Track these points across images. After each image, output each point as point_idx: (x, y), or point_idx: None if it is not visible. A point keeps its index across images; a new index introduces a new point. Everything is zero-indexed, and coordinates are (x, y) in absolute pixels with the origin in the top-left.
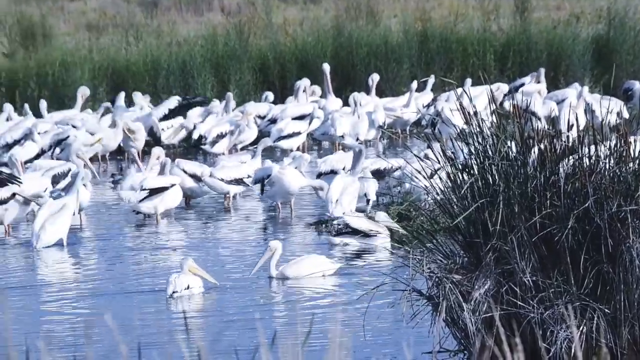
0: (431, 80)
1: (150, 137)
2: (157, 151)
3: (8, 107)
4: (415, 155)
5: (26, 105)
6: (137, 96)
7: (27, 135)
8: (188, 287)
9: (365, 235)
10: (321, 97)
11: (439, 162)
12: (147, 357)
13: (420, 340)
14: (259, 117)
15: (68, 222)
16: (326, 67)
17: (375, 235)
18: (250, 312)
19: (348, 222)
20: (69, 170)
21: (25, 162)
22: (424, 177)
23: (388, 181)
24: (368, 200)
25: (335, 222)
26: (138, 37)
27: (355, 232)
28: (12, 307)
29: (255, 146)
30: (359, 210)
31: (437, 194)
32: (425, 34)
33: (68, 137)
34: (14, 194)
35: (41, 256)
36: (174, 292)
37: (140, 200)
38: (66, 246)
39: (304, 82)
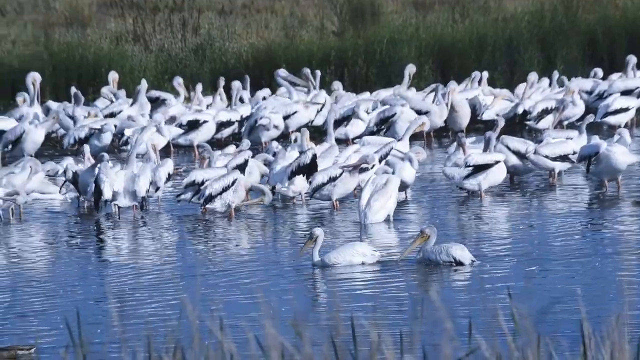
0: None
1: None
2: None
3: (337, 84)
4: None
5: (336, 83)
6: (482, 76)
7: (353, 113)
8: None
9: None
10: None
11: None
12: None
13: None
14: (586, 92)
15: (394, 197)
16: None
17: None
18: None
19: None
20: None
21: (353, 139)
22: None
23: None
24: None
25: None
26: (464, 14)
27: None
28: (337, 280)
29: (580, 122)
30: None
31: None
32: None
33: (394, 114)
34: (341, 173)
35: (367, 232)
36: (473, 262)
37: (465, 177)
38: (392, 222)
39: (633, 58)
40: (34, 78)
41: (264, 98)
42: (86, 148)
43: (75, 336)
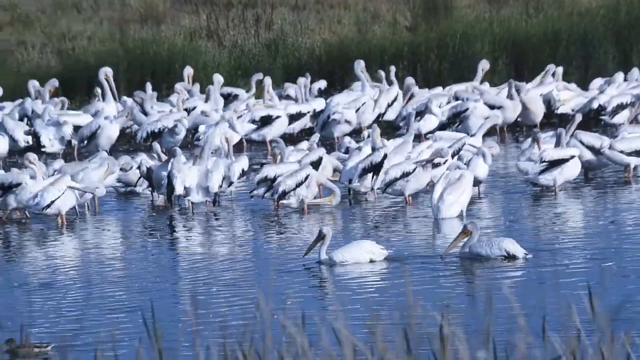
0: None
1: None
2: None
3: (410, 80)
4: None
5: (409, 79)
6: (557, 70)
7: (426, 109)
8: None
9: None
10: None
11: None
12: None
13: None
14: None
15: (467, 193)
16: None
17: None
18: None
19: None
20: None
21: (426, 134)
22: None
23: None
24: None
25: None
26: (539, 8)
27: None
28: (413, 274)
29: None
30: None
31: None
32: None
33: (467, 109)
34: (414, 168)
35: (440, 226)
36: (526, 255)
37: (539, 173)
38: (465, 217)
39: None
40: (106, 73)
41: (320, 89)
42: (156, 146)
43: (151, 330)
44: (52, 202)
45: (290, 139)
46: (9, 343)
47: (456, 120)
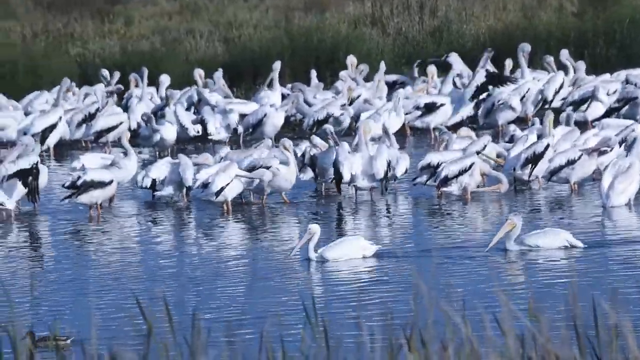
0: None
1: None
2: None
3: (580, 65)
4: None
5: (580, 63)
6: None
7: (593, 96)
8: None
9: None
10: None
11: None
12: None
13: None
14: None
15: (636, 182)
16: None
17: None
18: None
19: None
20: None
21: (592, 122)
22: None
23: None
24: None
25: None
26: None
27: None
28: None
29: None
30: None
31: None
32: None
33: (637, 97)
34: (580, 155)
35: (609, 215)
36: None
37: None
38: (633, 206)
39: None
40: (276, 66)
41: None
42: (315, 138)
43: (312, 317)
44: (222, 188)
45: (453, 127)
46: (28, 336)
47: (624, 104)
